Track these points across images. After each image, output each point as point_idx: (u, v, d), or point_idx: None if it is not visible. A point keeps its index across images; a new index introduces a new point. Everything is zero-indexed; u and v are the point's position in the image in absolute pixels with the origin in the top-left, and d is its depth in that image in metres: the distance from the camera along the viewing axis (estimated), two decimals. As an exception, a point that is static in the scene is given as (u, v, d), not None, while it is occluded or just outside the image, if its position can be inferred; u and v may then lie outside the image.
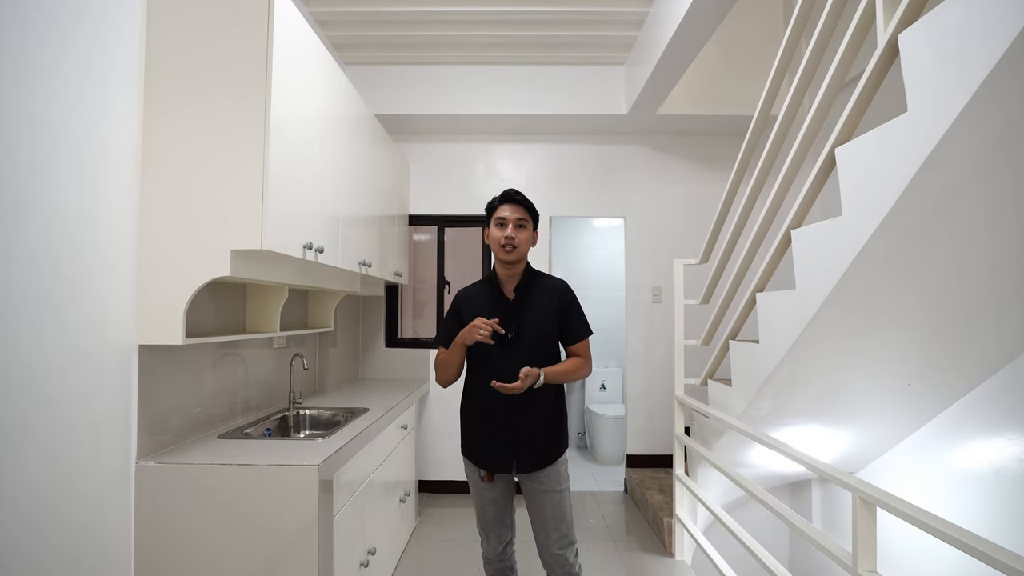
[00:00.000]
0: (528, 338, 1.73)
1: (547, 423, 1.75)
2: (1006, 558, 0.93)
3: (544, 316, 1.76)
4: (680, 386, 2.69)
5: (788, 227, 1.79)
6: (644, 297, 3.74)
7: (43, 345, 1.24)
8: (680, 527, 2.67)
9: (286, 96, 1.69)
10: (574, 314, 1.80)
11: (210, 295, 1.90)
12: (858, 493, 1.24)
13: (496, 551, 1.84)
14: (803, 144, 1.77)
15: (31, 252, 1.21)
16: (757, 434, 1.84)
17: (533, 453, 1.73)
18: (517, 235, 1.72)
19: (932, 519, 1.10)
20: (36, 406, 1.23)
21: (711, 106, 3.36)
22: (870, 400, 2.12)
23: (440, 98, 3.38)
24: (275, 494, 1.55)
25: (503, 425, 1.73)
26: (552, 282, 1.83)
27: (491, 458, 1.75)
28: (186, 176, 1.57)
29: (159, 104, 1.58)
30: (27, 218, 1.20)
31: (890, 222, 1.31)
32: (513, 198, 1.75)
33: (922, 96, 1.18)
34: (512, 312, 1.75)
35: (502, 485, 1.80)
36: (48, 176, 1.26)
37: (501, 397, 1.70)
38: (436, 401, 3.65)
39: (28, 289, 1.20)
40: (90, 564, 1.39)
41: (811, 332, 1.67)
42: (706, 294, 2.57)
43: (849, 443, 2.43)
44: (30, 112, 1.21)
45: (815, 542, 1.42)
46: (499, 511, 1.81)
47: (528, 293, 1.78)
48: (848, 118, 1.51)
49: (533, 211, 1.78)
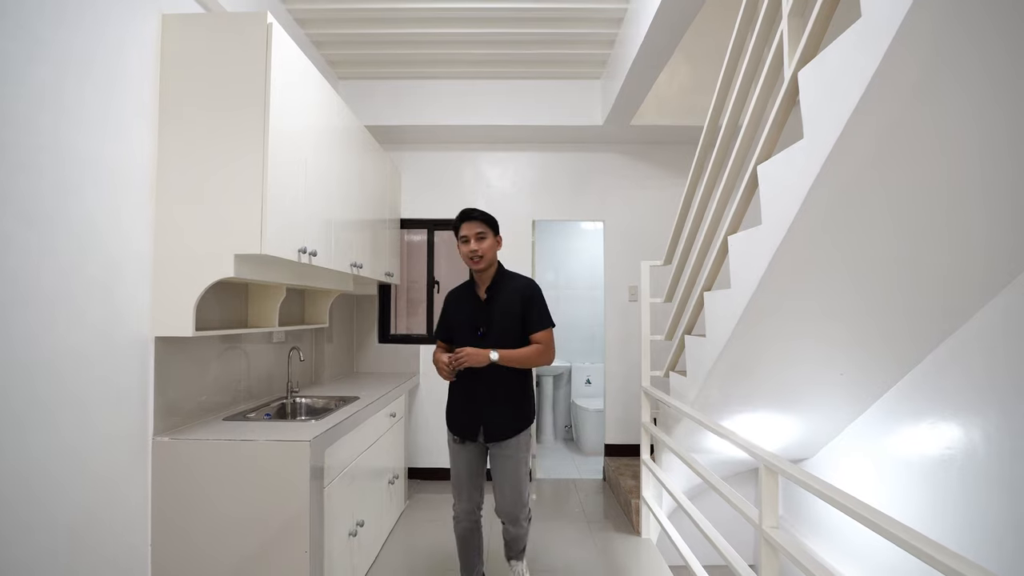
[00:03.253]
0: (496, 331, 2.04)
1: (509, 402, 2.06)
2: (889, 525, 1.13)
3: (509, 312, 2.05)
4: (646, 378, 2.92)
5: (726, 233, 2.02)
6: (621, 296, 3.97)
7: (69, 337, 1.49)
8: (646, 508, 2.91)
9: (283, 115, 1.93)
10: (535, 308, 2.06)
11: (216, 294, 2.14)
12: (764, 463, 1.48)
13: (465, 510, 2.15)
14: (737, 159, 2.00)
15: (58, 259, 1.44)
16: (705, 420, 2.07)
17: (496, 425, 2.05)
18: (480, 246, 2.01)
19: (826, 487, 1.33)
20: (67, 387, 1.47)
21: (680, 117, 3.59)
22: (811, 389, 2.34)
23: (430, 110, 3.62)
24: (273, 466, 1.79)
25: (473, 400, 2.07)
26: (518, 282, 2.11)
27: (463, 426, 2.09)
28: (195, 189, 1.81)
29: (170, 125, 1.82)
30: (55, 230, 1.43)
31: (794, 231, 1.54)
32: (470, 216, 2.03)
33: (813, 124, 1.41)
34: (484, 310, 2.08)
35: (474, 451, 2.12)
36: (74, 194, 1.50)
37: (473, 378, 2.04)
38: (426, 393, 3.89)
39: (57, 289, 1.45)
40: (112, 523, 1.63)
41: (743, 326, 1.90)
42: (668, 293, 2.80)
43: (799, 431, 2.66)
44: (57, 138, 1.45)
45: (730, 501, 1.65)
46: (470, 474, 2.13)
47: (497, 293, 2.09)
48: (767, 139, 1.74)
49: (490, 221, 2.06)
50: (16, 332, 1.32)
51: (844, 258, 1.64)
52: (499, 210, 3.91)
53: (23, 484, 1.34)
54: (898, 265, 1.68)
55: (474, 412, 2.06)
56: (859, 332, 1.99)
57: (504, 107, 3.62)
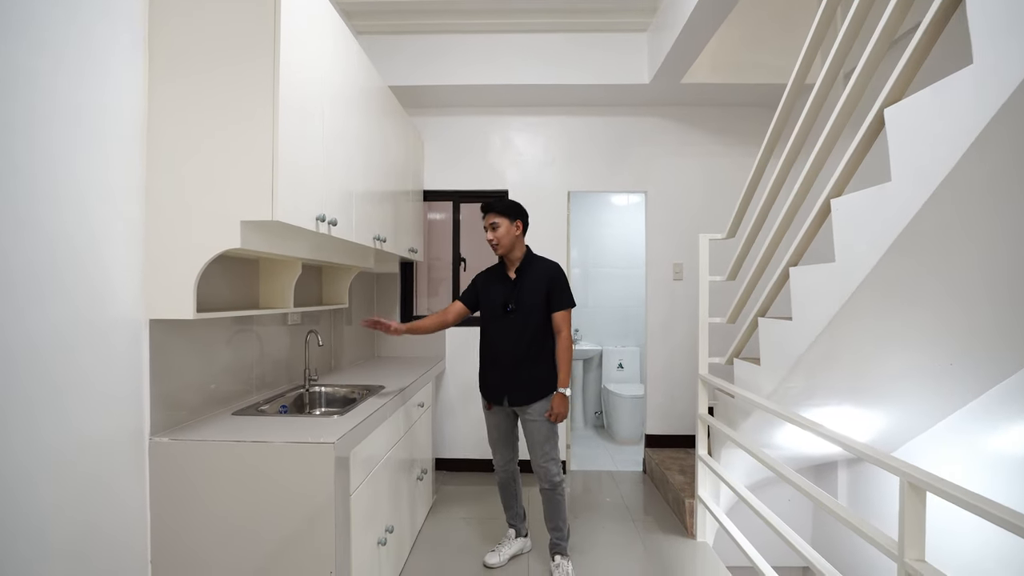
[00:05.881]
0: (523, 308, 2.25)
1: (532, 370, 2.25)
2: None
3: (535, 292, 2.25)
4: (704, 365, 2.61)
5: (827, 196, 1.68)
6: (665, 274, 3.63)
7: (46, 320, 1.20)
8: (702, 508, 2.62)
9: (295, 62, 1.61)
10: (559, 290, 2.27)
11: (223, 270, 1.85)
12: (907, 477, 1.16)
13: (500, 464, 2.45)
14: (846, 107, 1.65)
15: (30, 225, 1.16)
16: (792, 416, 1.76)
17: (519, 392, 2.27)
18: (494, 235, 2.25)
19: (991, 505, 1.02)
20: (46, 379, 1.19)
21: (736, 74, 3.20)
22: (908, 379, 2.01)
23: (455, 68, 3.27)
24: (291, 472, 1.51)
25: (497, 369, 2.31)
26: (545, 265, 2.32)
27: (490, 392, 2.36)
28: (194, 146, 1.51)
29: (164, 71, 1.51)
30: (27, 189, 1.14)
31: (946, 189, 1.21)
32: (484, 209, 2.28)
33: (991, 45, 1.07)
34: (512, 288, 2.28)
35: (502, 415, 2.39)
36: (50, 145, 1.20)
37: (499, 350, 2.29)
38: (452, 379, 3.62)
39: (31, 262, 1.16)
40: (107, 537, 1.37)
41: (851, 308, 1.57)
42: (732, 270, 2.47)
43: (883, 424, 2.34)
44: (28, 68, 1.15)
45: (859, 531, 1.35)
46: (501, 434, 2.42)
47: (525, 274, 2.29)
48: (900, 76, 1.39)
49: (504, 211, 2.25)
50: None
51: (990, 228, 1.30)
52: (530, 181, 3.60)
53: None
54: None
55: (499, 380, 2.30)
56: (978, 319, 1.66)
57: (537, 64, 3.25)
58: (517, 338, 2.24)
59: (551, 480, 2.29)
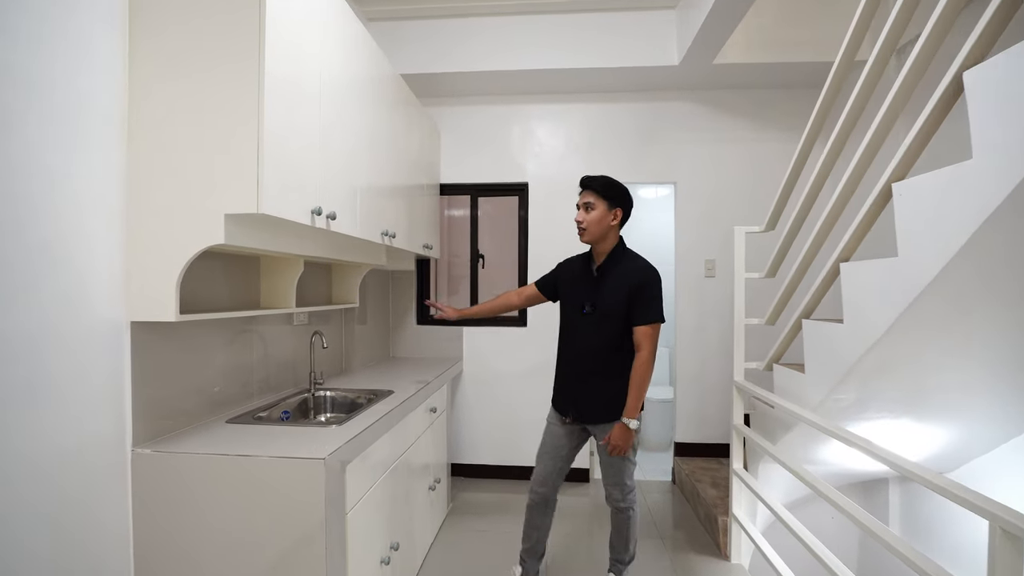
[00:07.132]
0: (601, 312, 1.93)
1: (600, 387, 1.95)
2: None
3: (616, 295, 1.90)
4: (740, 371, 2.38)
5: (888, 181, 1.45)
6: (696, 271, 3.40)
7: (8, 320, 1.09)
8: (737, 527, 2.40)
9: (285, 43, 1.47)
10: (642, 298, 1.89)
11: (222, 268, 1.74)
12: (999, 522, 0.95)
13: (539, 478, 2.09)
14: (909, 79, 1.42)
15: (9, 221, 1.05)
16: (847, 435, 1.53)
17: (587, 410, 2.00)
18: (584, 217, 1.92)
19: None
20: (11, 385, 1.08)
21: (775, 53, 2.94)
22: (976, 394, 1.77)
23: (471, 54, 3.10)
24: (279, 488, 1.38)
25: (566, 378, 2.06)
26: (635, 265, 1.94)
27: (558, 402, 2.09)
28: (174, 133, 1.38)
29: (144, 54, 1.39)
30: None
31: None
32: (585, 184, 1.95)
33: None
34: (593, 286, 1.97)
35: (567, 429, 2.07)
36: (12, 123, 1.08)
37: (574, 360, 2.02)
38: (470, 381, 3.47)
39: (3, 261, 1.04)
40: (84, 557, 1.26)
41: (918, 309, 1.35)
42: (772, 266, 2.24)
43: (941, 442, 2.08)
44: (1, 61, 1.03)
45: (924, 572, 1.13)
46: (554, 446, 2.08)
47: (609, 271, 1.95)
48: (983, 33, 1.16)
49: (606, 192, 1.91)
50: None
51: None
52: (552, 173, 3.42)
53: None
54: None
55: (567, 390, 2.05)
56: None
57: (558, 48, 3.06)
58: (589, 346, 1.95)
59: (615, 504, 2.07)
